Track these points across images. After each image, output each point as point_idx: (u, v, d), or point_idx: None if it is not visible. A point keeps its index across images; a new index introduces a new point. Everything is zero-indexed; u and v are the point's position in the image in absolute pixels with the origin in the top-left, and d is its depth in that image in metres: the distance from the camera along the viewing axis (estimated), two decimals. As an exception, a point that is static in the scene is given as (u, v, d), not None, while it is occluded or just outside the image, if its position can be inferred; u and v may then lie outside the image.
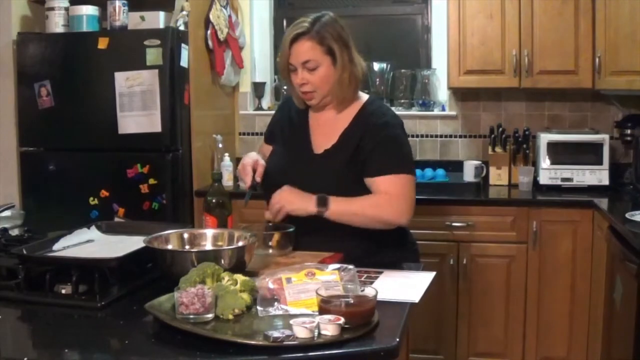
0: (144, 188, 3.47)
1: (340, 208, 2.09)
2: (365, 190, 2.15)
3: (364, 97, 2.27)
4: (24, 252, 1.86)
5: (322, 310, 1.50)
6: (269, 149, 2.38)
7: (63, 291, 1.73)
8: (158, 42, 3.40)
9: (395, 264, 2.06)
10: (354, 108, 2.23)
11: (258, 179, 2.19)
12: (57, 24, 3.58)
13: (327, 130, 2.23)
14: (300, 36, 2.13)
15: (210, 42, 3.75)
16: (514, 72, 3.61)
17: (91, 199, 3.51)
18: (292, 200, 2.10)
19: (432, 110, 4.05)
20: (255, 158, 2.24)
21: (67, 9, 3.60)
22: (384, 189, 2.12)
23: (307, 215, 2.12)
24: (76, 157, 3.56)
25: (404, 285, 1.85)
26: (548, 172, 3.65)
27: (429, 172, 3.80)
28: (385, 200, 2.11)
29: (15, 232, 2.36)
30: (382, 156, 2.14)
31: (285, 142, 2.30)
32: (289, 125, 2.32)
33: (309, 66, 2.13)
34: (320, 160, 2.20)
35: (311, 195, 2.09)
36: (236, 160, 4.11)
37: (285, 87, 4.20)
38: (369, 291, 1.58)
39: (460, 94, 4.02)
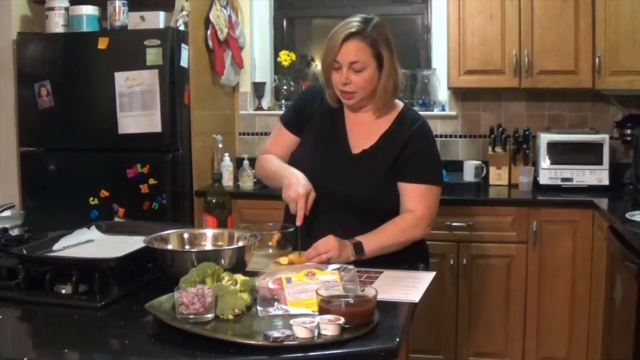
0: (144, 188, 3.47)
1: (374, 247, 2.07)
2: None
3: (400, 103, 2.28)
4: (24, 252, 1.86)
5: (322, 310, 1.50)
6: (289, 138, 2.31)
7: (63, 291, 1.73)
8: (158, 42, 3.40)
9: (402, 264, 2.06)
10: (391, 113, 2.23)
11: (307, 213, 2.08)
12: (57, 24, 3.58)
13: (365, 131, 2.22)
14: (353, 35, 2.11)
15: (210, 42, 3.75)
16: (514, 72, 3.61)
17: (91, 199, 3.51)
18: (340, 253, 2.01)
19: (432, 110, 4.04)
20: (308, 188, 2.09)
21: (67, 9, 3.60)
22: (412, 203, 2.15)
23: (320, 215, 2.14)
24: (76, 157, 3.57)
25: (404, 285, 1.85)
26: (548, 172, 3.65)
27: (429, 172, 3.79)
28: (412, 221, 2.15)
29: (15, 232, 2.36)
30: (420, 164, 2.17)
31: (319, 138, 2.25)
32: (321, 120, 2.26)
33: (356, 67, 2.11)
34: (359, 161, 2.19)
35: (347, 244, 2.04)
36: (236, 160, 4.12)
37: (285, 88, 4.21)
38: (369, 291, 1.58)
39: (460, 94, 4.02)
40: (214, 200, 2.15)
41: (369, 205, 2.16)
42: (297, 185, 2.09)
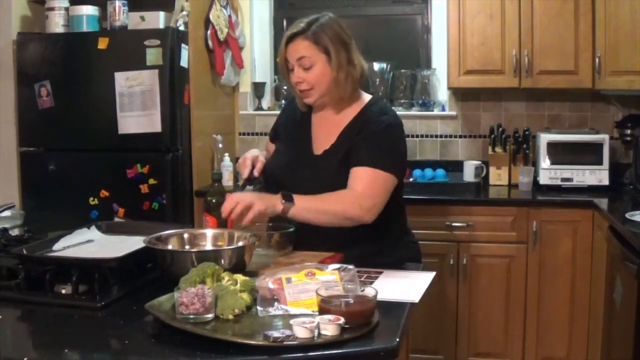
0: (144, 188, 3.47)
1: (305, 204, 2.03)
2: None
3: (366, 97, 2.26)
4: (24, 252, 1.86)
5: (322, 310, 1.50)
6: (272, 147, 2.40)
7: (63, 291, 1.73)
8: (158, 42, 3.40)
9: (396, 264, 2.06)
10: (354, 108, 2.22)
11: (256, 173, 2.19)
12: (57, 24, 3.58)
13: (327, 131, 2.23)
14: (296, 36, 2.15)
15: (210, 42, 3.75)
16: (514, 72, 3.61)
17: (91, 199, 3.51)
18: (261, 198, 2.00)
19: (432, 110, 4.05)
20: (256, 154, 2.24)
21: (67, 9, 3.60)
22: (353, 182, 2.09)
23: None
24: (76, 157, 3.56)
25: (404, 285, 1.85)
26: (548, 172, 3.65)
27: (429, 172, 3.80)
28: (349, 196, 2.07)
29: (15, 232, 2.36)
30: (365, 149, 2.12)
31: (287, 142, 2.31)
32: (292, 126, 2.33)
33: (304, 64, 2.14)
34: (319, 161, 2.20)
35: (274, 195, 2.03)
36: (236, 160, 4.11)
37: (285, 87, 4.21)
38: (369, 291, 1.58)
39: (460, 94, 4.02)
40: (214, 200, 2.14)
41: None
42: (245, 154, 2.24)
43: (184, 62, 3.53)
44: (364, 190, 2.06)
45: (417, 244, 2.35)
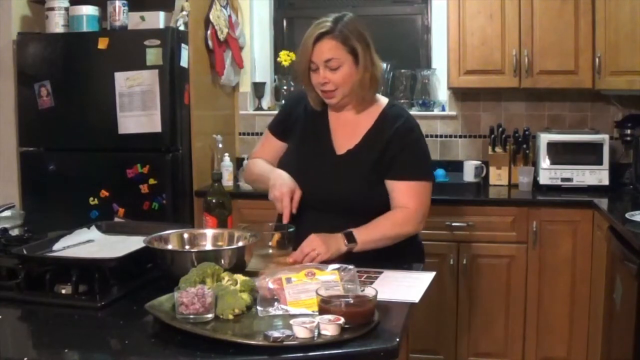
0: (144, 188, 3.47)
1: (366, 237, 2.07)
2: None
3: (384, 99, 2.27)
4: (24, 252, 1.86)
5: (322, 310, 1.50)
6: (276, 144, 2.33)
7: (63, 291, 1.73)
8: (158, 42, 3.40)
9: (396, 264, 2.06)
10: (375, 110, 2.22)
11: (294, 211, 2.11)
12: (57, 24, 3.58)
13: (348, 131, 2.21)
14: (324, 35, 2.12)
15: (210, 42, 3.75)
16: (514, 72, 3.61)
17: (91, 199, 3.51)
18: (328, 248, 2.01)
19: (432, 110, 4.04)
20: (292, 186, 2.12)
21: (67, 9, 3.61)
22: (403, 199, 2.13)
23: (308, 217, 2.13)
24: (76, 157, 3.57)
25: (404, 285, 1.85)
26: (548, 172, 3.65)
27: (429, 172, 3.79)
28: (404, 216, 2.14)
29: (15, 232, 2.36)
30: (406, 161, 2.15)
31: (304, 142, 2.26)
32: (306, 124, 2.28)
33: (332, 65, 2.11)
34: (344, 161, 2.18)
35: (337, 235, 2.05)
36: (236, 160, 4.12)
37: (285, 87, 4.21)
38: (369, 291, 1.58)
39: (460, 94, 4.02)
40: (214, 200, 2.14)
41: (356, 205, 2.15)
42: (281, 185, 2.11)
43: (184, 62, 3.53)
44: (417, 207, 2.15)
45: (422, 244, 2.35)
